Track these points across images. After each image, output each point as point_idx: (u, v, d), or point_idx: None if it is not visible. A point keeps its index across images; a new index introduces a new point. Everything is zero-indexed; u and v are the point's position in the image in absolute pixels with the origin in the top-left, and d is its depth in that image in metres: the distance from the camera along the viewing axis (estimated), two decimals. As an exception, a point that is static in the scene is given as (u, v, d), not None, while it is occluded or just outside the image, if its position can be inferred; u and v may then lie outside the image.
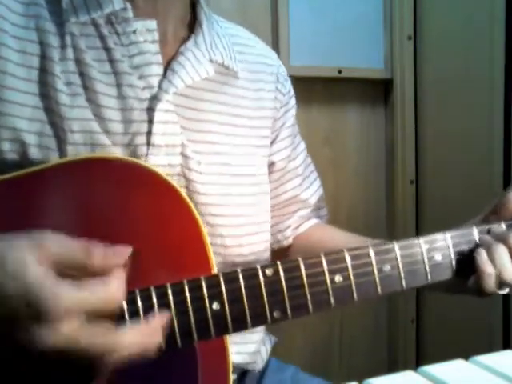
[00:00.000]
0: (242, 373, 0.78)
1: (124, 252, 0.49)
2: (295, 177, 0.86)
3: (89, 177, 0.60)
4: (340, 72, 1.51)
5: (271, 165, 0.82)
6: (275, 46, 1.45)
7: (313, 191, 0.89)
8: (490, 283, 0.62)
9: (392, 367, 1.64)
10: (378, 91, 1.63)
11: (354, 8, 1.52)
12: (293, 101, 0.86)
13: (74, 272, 0.47)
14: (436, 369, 0.49)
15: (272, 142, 0.82)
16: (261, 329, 0.79)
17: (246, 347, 0.76)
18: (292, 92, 0.86)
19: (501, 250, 0.61)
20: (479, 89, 1.35)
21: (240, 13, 1.42)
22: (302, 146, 0.89)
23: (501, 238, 0.62)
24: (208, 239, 0.61)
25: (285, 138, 0.83)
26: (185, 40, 0.71)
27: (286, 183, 0.85)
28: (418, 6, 1.55)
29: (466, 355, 0.52)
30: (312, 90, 1.54)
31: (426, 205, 1.58)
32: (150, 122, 0.66)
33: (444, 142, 1.50)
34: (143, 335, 0.48)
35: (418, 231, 1.60)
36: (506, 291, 0.64)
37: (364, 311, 1.64)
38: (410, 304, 1.61)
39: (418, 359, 1.63)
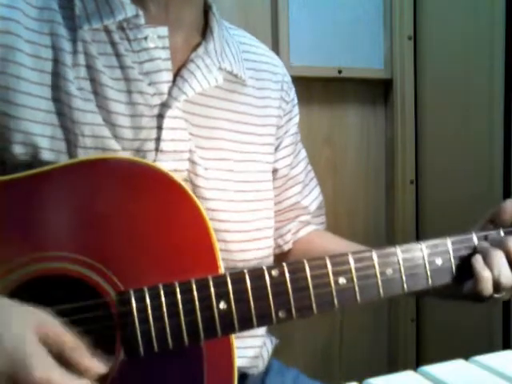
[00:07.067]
0: (243, 376, 0.78)
1: (103, 368, 0.52)
2: (296, 184, 0.86)
3: (98, 177, 0.60)
4: (340, 72, 1.51)
5: (274, 172, 0.82)
6: (275, 46, 1.44)
7: (313, 198, 0.89)
8: (487, 287, 0.63)
9: (392, 367, 1.64)
10: (378, 91, 1.63)
11: (353, 8, 1.52)
12: (296, 109, 0.86)
13: (55, 355, 0.49)
14: (436, 369, 0.50)
15: (275, 149, 0.82)
16: (262, 333, 0.79)
17: (246, 351, 0.76)
18: (295, 101, 0.86)
19: (498, 255, 0.64)
20: (479, 89, 1.34)
21: (240, 13, 1.42)
22: (303, 153, 0.90)
23: (498, 244, 0.65)
24: (215, 239, 0.61)
25: (287, 146, 0.84)
26: (196, 46, 0.71)
27: (287, 190, 0.85)
28: (417, 6, 1.55)
29: (466, 355, 0.52)
30: (312, 90, 1.54)
31: (426, 205, 1.58)
32: (159, 128, 0.66)
33: (444, 142, 1.50)
34: None
35: (418, 231, 1.60)
36: (501, 295, 0.65)
37: (364, 311, 1.64)
38: (410, 304, 1.61)
39: (418, 359, 1.63)
